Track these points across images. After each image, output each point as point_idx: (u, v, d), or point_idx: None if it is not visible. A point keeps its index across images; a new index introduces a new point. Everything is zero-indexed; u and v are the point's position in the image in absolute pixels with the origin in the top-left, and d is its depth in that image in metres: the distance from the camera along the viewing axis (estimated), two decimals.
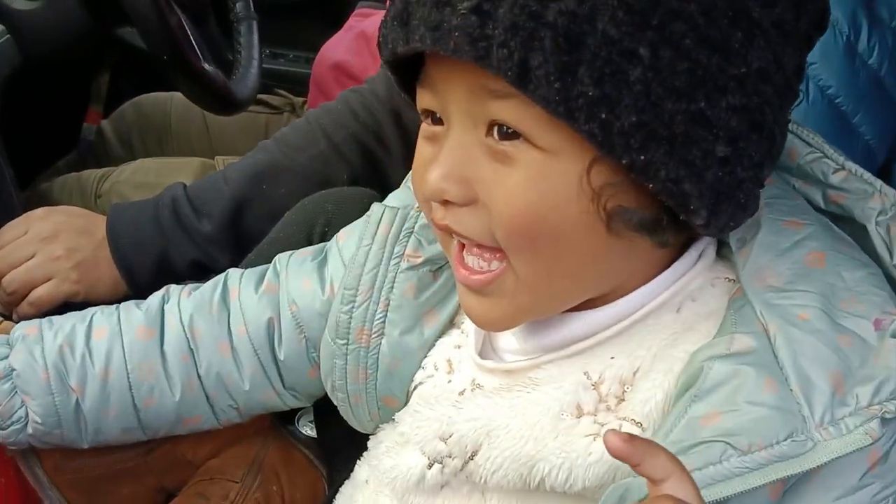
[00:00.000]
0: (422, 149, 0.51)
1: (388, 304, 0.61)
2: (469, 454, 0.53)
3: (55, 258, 0.82)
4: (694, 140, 0.43)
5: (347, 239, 0.65)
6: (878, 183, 0.51)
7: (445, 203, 0.48)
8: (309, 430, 0.88)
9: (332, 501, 0.69)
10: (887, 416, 0.44)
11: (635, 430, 0.49)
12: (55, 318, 0.70)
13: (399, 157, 0.86)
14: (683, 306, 0.51)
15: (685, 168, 0.43)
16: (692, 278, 0.51)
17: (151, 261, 0.84)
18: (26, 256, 0.82)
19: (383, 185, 0.82)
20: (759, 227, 0.50)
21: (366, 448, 0.65)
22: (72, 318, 0.69)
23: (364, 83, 0.90)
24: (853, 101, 0.93)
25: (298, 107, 1.34)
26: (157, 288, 0.83)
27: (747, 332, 0.47)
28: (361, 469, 0.64)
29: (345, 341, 0.61)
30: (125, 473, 0.73)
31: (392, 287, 0.61)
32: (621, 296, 0.50)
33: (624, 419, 0.49)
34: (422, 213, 0.59)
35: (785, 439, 0.44)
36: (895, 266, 0.50)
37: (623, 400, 0.50)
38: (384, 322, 0.61)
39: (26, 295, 0.81)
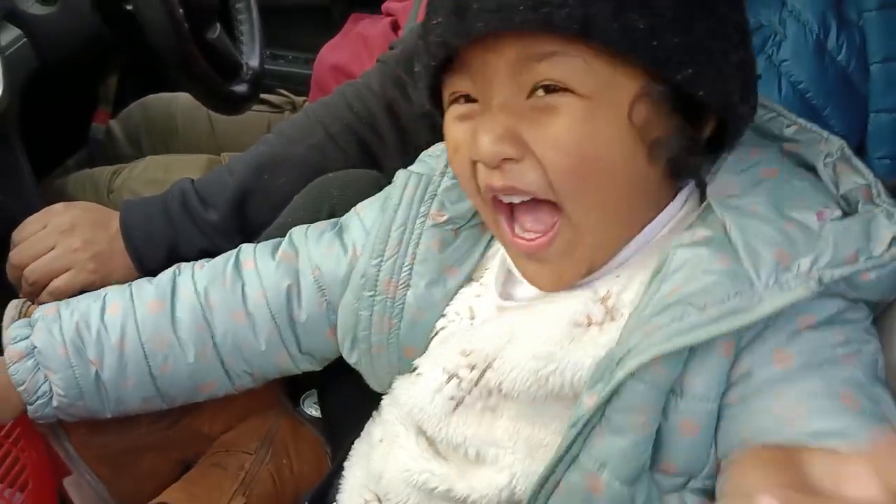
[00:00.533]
0: (456, 128, 0.58)
1: (415, 258, 0.67)
2: (487, 363, 0.60)
3: (73, 250, 0.87)
4: (719, 50, 0.54)
5: (367, 209, 0.72)
6: (825, 132, 0.61)
7: (501, 164, 0.55)
8: (314, 412, 0.94)
9: (336, 474, 0.74)
10: (823, 279, 0.52)
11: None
12: (72, 299, 0.75)
13: (392, 147, 0.90)
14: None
15: (718, 72, 0.54)
16: (685, 215, 0.60)
17: (162, 251, 0.89)
18: (46, 248, 0.87)
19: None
20: (725, 159, 0.59)
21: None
22: (87, 297, 0.75)
23: (359, 78, 0.95)
24: (823, 95, 0.99)
25: (299, 105, 1.39)
26: None
27: (707, 226, 0.57)
28: (375, 429, 0.70)
29: (372, 293, 0.67)
30: (148, 447, 0.78)
31: (418, 243, 0.67)
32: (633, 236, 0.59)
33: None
34: (444, 178, 0.67)
35: (735, 296, 0.52)
36: (841, 196, 0.57)
37: (611, 296, 0.59)
38: (410, 274, 0.67)
39: (46, 284, 0.86)
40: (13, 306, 0.76)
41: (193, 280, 0.74)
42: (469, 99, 0.57)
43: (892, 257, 0.53)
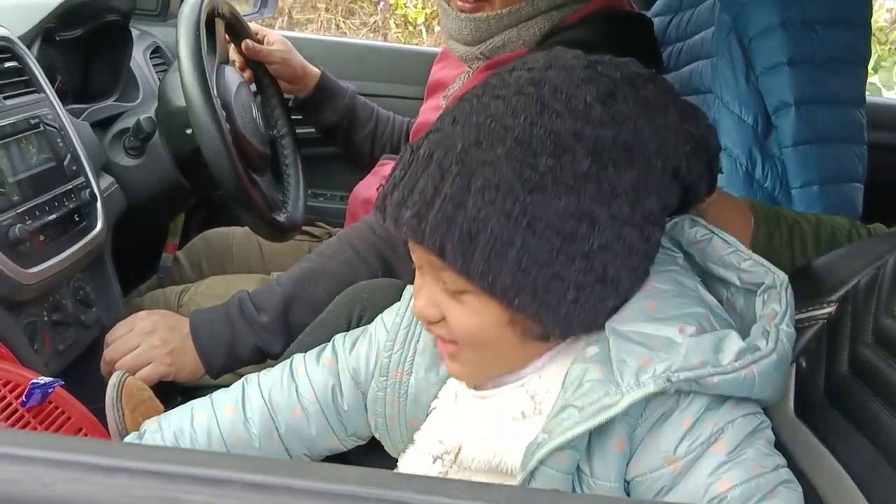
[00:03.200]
0: (416, 278, 0.77)
1: (416, 351, 0.84)
2: (458, 448, 0.77)
3: (153, 347, 1.10)
4: (551, 290, 0.66)
5: (390, 314, 0.89)
6: (771, 266, 0.72)
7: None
8: None
9: None
10: (671, 378, 0.63)
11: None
12: (168, 413, 0.94)
13: (407, 261, 1.13)
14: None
15: (546, 307, 0.66)
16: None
17: (223, 347, 1.12)
18: (133, 346, 1.10)
19: None
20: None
21: None
22: (179, 410, 0.93)
23: None
24: None
25: (334, 235, 1.64)
26: (228, 368, 1.11)
27: (596, 343, 0.70)
28: None
29: (385, 378, 0.85)
30: None
31: (418, 340, 0.84)
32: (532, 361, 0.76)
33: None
34: None
35: (604, 396, 0.65)
36: (760, 317, 0.70)
37: (536, 396, 0.74)
38: (412, 364, 0.84)
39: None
40: (113, 382, 0.98)
41: (259, 387, 0.92)
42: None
43: (733, 368, 0.64)
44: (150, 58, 1.66)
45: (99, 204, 1.20)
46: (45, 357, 1.08)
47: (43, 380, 0.91)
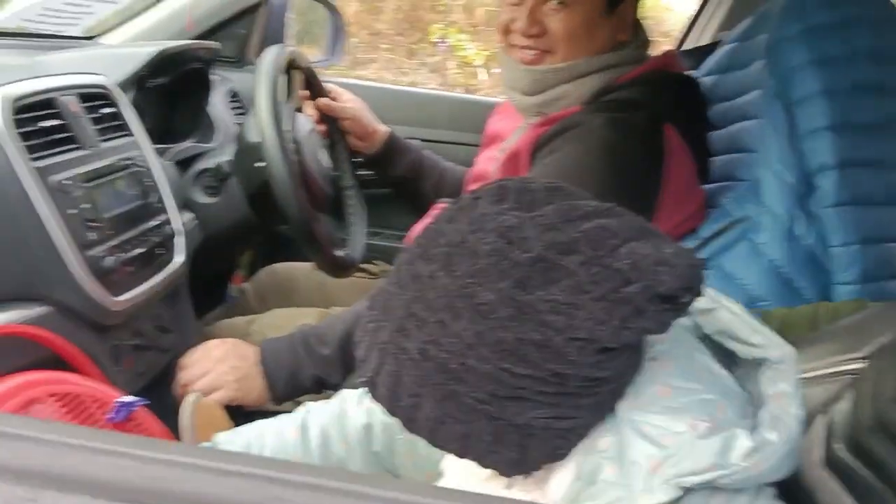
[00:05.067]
0: None
1: None
2: None
3: (224, 373, 1.19)
4: (498, 451, 0.67)
5: None
6: (779, 340, 0.71)
7: None
8: None
9: None
10: (682, 484, 0.63)
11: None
12: (239, 428, 1.01)
13: None
14: None
15: (499, 463, 0.68)
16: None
17: (286, 376, 1.20)
18: (205, 371, 1.20)
19: None
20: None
21: None
22: (248, 428, 1.00)
23: None
24: (794, 270, 1.25)
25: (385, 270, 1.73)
26: (290, 396, 1.19)
27: (612, 435, 0.67)
28: None
29: (402, 435, 0.89)
30: None
31: None
32: None
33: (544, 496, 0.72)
34: None
35: (614, 502, 0.65)
36: (768, 396, 0.69)
37: (545, 481, 0.72)
38: None
39: None
40: (188, 402, 1.07)
41: (318, 418, 0.99)
42: None
43: (742, 467, 0.63)
44: (229, 102, 1.78)
45: (180, 239, 1.30)
46: (127, 377, 1.18)
47: (128, 399, 1.00)
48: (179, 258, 1.29)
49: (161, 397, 1.24)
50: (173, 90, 1.58)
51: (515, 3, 1.34)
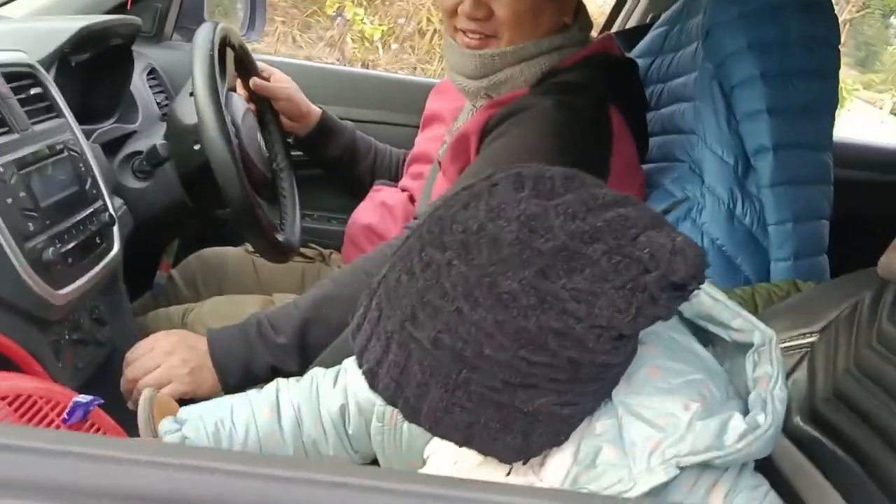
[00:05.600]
0: None
1: None
2: None
3: (174, 367, 1.14)
4: (499, 439, 0.67)
5: None
6: (759, 324, 0.73)
7: None
8: None
9: None
10: (680, 464, 0.65)
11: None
12: (206, 404, 0.98)
13: None
14: None
15: (499, 450, 0.69)
16: None
17: (240, 366, 1.16)
18: (154, 366, 1.14)
19: None
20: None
21: None
22: (218, 404, 0.98)
23: (392, 239, 1.26)
24: (734, 248, 1.30)
25: (327, 256, 1.70)
26: (243, 386, 1.16)
27: (607, 418, 0.69)
28: None
29: (381, 424, 0.90)
30: None
31: None
32: None
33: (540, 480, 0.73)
34: None
35: (616, 483, 0.66)
36: (753, 379, 0.71)
37: (541, 465, 0.73)
38: None
39: None
40: (145, 399, 1.02)
41: (290, 397, 0.97)
42: None
43: (735, 449, 0.66)
44: (147, 79, 1.69)
45: (115, 227, 1.24)
46: (68, 374, 1.12)
47: (84, 398, 0.95)
48: (116, 247, 1.23)
49: (102, 394, 1.19)
50: (93, 67, 1.49)
51: None
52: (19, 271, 0.99)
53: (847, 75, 12.74)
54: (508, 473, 0.77)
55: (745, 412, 0.71)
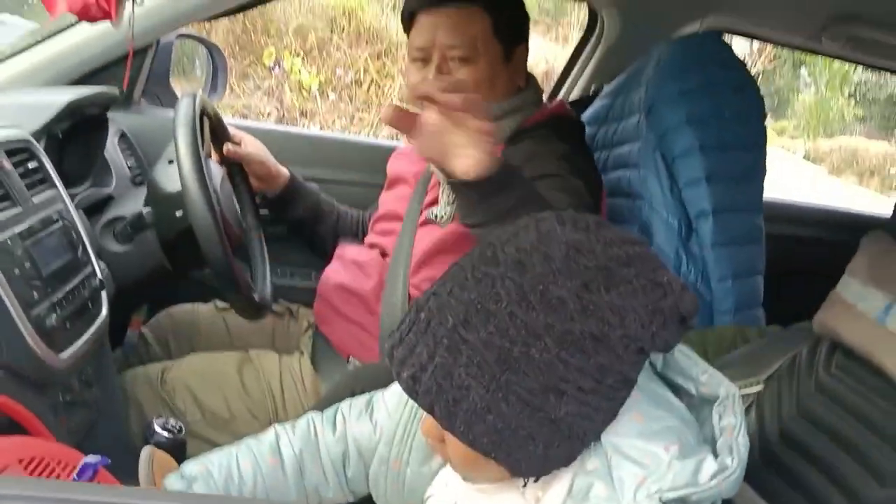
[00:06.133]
0: None
1: (412, 447, 0.96)
2: None
3: None
4: (522, 447, 0.75)
5: (391, 396, 1.03)
6: (724, 380, 0.82)
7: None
8: None
9: None
10: (662, 498, 0.72)
11: None
12: (210, 456, 1.03)
13: None
14: None
15: (517, 460, 0.76)
16: None
17: None
18: None
19: None
20: None
21: None
22: (222, 456, 1.02)
23: None
24: None
25: (295, 311, 1.77)
26: None
27: (598, 457, 0.79)
28: None
29: (385, 467, 0.98)
30: None
31: (414, 437, 0.96)
32: None
33: None
34: None
35: None
36: (720, 427, 0.79)
37: (540, 499, 0.82)
38: (409, 458, 0.96)
39: None
40: (145, 455, 1.07)
41: (290, 442, 1.04)
42: None
43: (709, 486, 0.74)
44: (118, 143, 1.75)
45: (103, 291, 1.29)
46: (63, 435, 1.16)
47: (93, 458, 1.00)
48: (104, 310, 1.28)
49: (92, 454, 1.22)
50: (70, 134, 1.55)
51: (422, 62, 1.45)
52: (26, 338, 1.04)
53: None
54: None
55: (714, 456, 0.80)
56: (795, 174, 9.71)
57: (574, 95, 2.11)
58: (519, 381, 0.73)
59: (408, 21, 1.47)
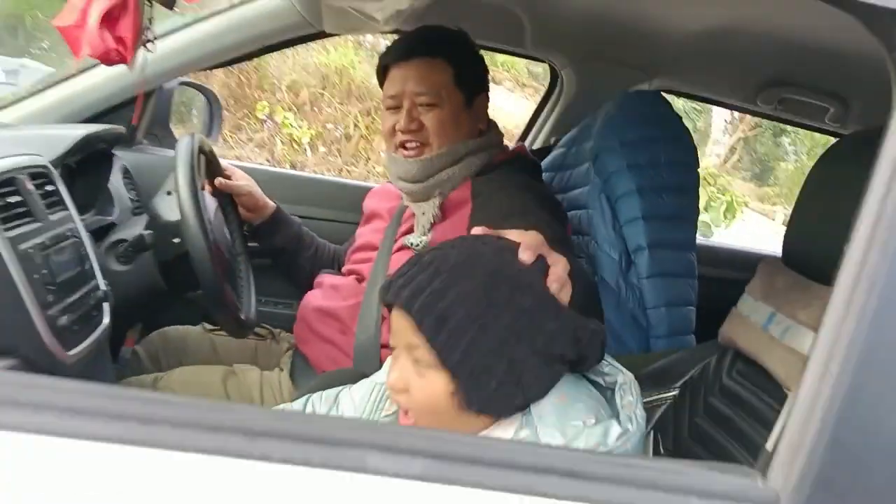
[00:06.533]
0: (392, 361, 1.03)
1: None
2: None
3: None
4: (482, 375, 0.93)
5: (359, 388, 1.20)
6: (623, 370, 1.02)
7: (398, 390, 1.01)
8: None
9: None
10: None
11: None
12: None
13: None
14: None
15: (474, 386, 0.93)
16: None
17: None
18: None
19: None
20: None
21: None
22: None
23: None
24: (621, 327, 1.61)
25: (277, 335, 1.93)
26: None
27: (529, 428, 0.94)
28: None
29: None
30: None
31: (380, 413, 1.13)
32: None
33: None
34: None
35: None
36: (622, 405, 0.97)
37: None
38: None
39: None
40: None
41: None
42: None
43: (615, 446, 0.90)
44: (122, 178, 1.94)
45: (107, 303, 1.46)
46: None
47: None
48: (107, 320, 1.45)
49: None
50: (80, 166, 1.73)
51: (394, 109, 1.64)
52: (41, 334, 1.21)
53: (745, 188, 13.79)
54: None
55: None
56: (773, 237, 9.98)
57: (537, 145, 2.32)
58: (498, 317, 0.91)
59: (382, 74, 1.68)
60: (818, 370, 0.64)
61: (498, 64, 7.75)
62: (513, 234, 1.03)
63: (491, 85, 1.74)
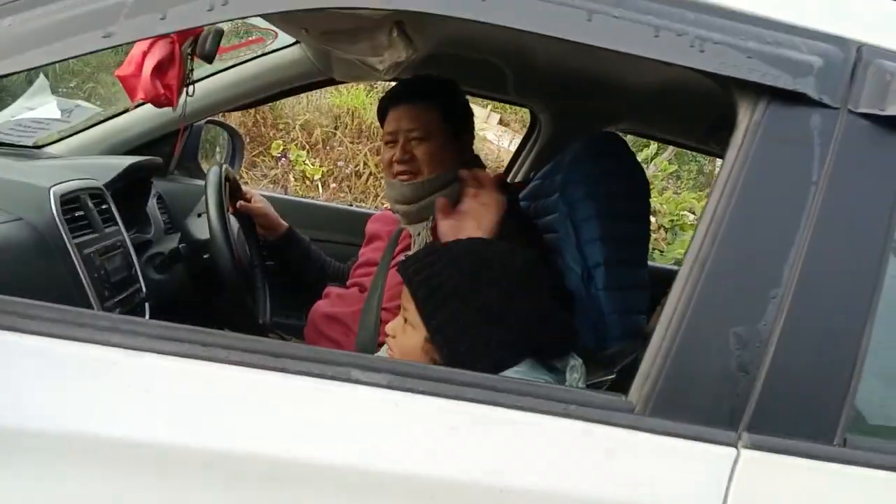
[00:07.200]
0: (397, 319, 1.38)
1: None
2: None
3: None
4: (455, 340, 1.19)
5: None
6: (576, 357, 1.33)
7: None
8: None
9: None
10: None
11: None
12: None
13: None
14: None
15: (447, 349, 1.20)
16: None
17: None
18: None
19: None
20: None
21: None
22: None
23: None
24: (585, 330, 1.89)
25: (289, 340, 2.21)
26: None
27: None
28: None
29: None
30: None
31: None
32: None
33: None
34: None
35: None
36: (571, 378, 1.26)
37: None
38: None
39: None
40: None
41: None
42: None
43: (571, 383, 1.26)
44: (157, 203, 2.25)
45: (147, 304, 1.76)
46: None
47: None
48: (147, 316, 1.74)
49: None
50: (124, 191, 2.04)
51: (391, 144, 1.94)
52: None
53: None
54: None
55: None
56: None
57: (519, 178, 2.63)
58: (475, 295, 1.19)
59: (382, 115, 1.98)
60: (665, 322, 0.92)
61: (507, 109, 8.12)
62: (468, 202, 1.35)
63: (498, 125, 2.04)
